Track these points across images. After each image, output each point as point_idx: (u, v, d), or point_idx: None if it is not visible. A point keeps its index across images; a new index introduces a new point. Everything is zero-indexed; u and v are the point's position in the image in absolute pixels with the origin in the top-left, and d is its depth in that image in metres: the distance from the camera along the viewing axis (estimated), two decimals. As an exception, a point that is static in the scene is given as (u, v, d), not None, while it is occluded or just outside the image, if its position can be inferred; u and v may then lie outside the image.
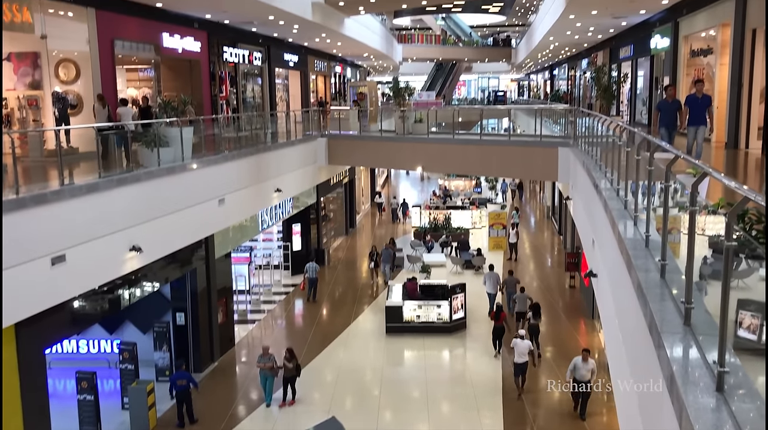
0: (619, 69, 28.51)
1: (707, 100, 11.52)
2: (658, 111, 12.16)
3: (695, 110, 11.38)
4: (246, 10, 18.96)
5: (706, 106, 11.46)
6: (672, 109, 11.81)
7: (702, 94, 11.49)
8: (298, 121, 22.56)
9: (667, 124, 11.79)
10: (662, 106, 12.06)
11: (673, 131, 11.86)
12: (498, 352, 16.97)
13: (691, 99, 11.53)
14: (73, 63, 15.30)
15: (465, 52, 56.38)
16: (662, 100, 12.40)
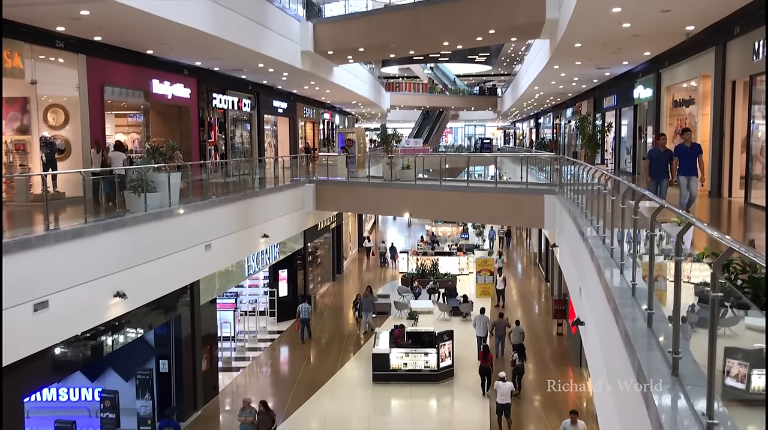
0: (603, 118, 28.99)
1: (697, 149, 11.22)
2: (648, 161, 11.74)
3: (685, 160, 11.05)
4: (236, 58, 19.21)
5: (696, 156, 11.14)
6: (664, 159, 11.39)
7: (691, 143, 11.24)
8: (286, 166, 22.67)
9: (658, 174, 11.39)
10: (654, 156, 11.68)
11: (664, 181, 11.48)
12: (485, 392, 17.23)
13: (680, 149, 11.20)
14: (62, 108, 15.36)
15: (451, 100, 57.22)
16: (653, 148, 12.03)
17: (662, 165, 11.35)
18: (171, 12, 12.91)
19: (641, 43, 16.89)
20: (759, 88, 13.50)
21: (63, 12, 11.85)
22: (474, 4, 19.09)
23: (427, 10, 20.87)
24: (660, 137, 12.18)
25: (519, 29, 19.99)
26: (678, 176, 11.08)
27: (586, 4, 12.28)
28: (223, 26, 15.42)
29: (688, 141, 11.23)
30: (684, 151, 11.12)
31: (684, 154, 11.09)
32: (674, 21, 13.92)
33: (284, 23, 20.12)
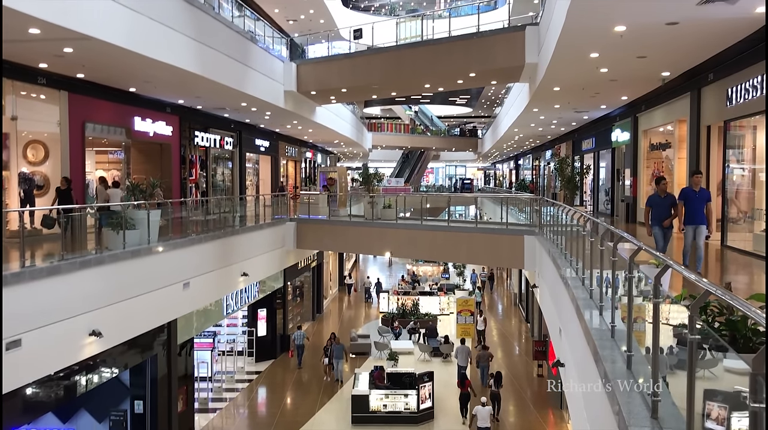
0: (581, 160, 29.39)
1: (705, 196, 10.22)
2: (649, 208, 10.79)
3: (692, 207, 10.06)
4: (219, 97, 19.31)
5: (705, 202, 10.11)
6: (665, 206, 10.48)
7: (699, 187, 10.24)
8: (267, 205, 22.64)
9: (661, 222, 10.48)
10: (654, 202, 10.70)
11: (668, 231, 10.57)
12: (465, 419, 17.95)
13: (687, 193, 10.22)
14: (42, 144, 15.28)
15: (433, 141, 57.78)
16: (654, 194, 11.00)
17: (664, 212, 10.46)
18: (155, 51, 13.00)
19: (618, 87, 17.25)
20: (733, 133, 13.80)
21: (47, 49, 11.88)
22: (455, 48, 19.43)
23: (408, 53, 21.20)
24: (660, 181, 11.02)
25: (499, 73, 20.34)
26: (684, 225, 10.10)
27: (564, 49, 12.55)
28: (207, 65, 15.53)
29: (696, 185, 10.26)
30: (691, 196, 10.13)
31: (691, 200, 10.10)
32: (650, 67, 14.27)
33: (268, 63, 20.32)
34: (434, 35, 22.53)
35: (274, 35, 23.01)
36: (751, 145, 13.28)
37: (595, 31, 11.28)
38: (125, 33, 11.82)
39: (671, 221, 10.42)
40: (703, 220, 10.01)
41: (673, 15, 10.06)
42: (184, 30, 14.32)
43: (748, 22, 10.34)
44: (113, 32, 11.41)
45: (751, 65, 11.76)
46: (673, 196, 10.70)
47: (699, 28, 10.71)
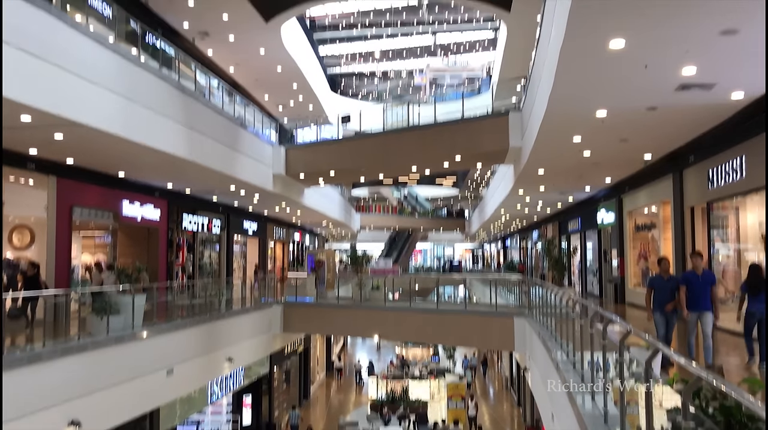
0: (568, 241, 29.57)
1: (709, 278, 9.67)
2: (650, 290, 10.17)
3: (696, 291, 9.47)
4: (208, 181, 19.44)
5: (709, 285, 9.51)
6: (668, 289, 9.87)
7: (702, 269, 9.71)
8: (254, 287, 22.43)
9: (662, 306, 9.86)
10: (656, 284, 10.09)
11: (672, 317, 9.90)
12: None
13: (689, 277, 9.72)
14: (29, 229, 15.23)
15: (420, 222, 58.13)
16: (656, 275, 10.43)
17: (667, 296, 9.83)
18: (146, 137, 13.17)
19: (602, 170, 17.56)
20: (716, 214, 13.99)
21: (37, 136, 12.00)
22: (441, 133, 19.86)
23: (395, 138, 21.65)
24: (661, 262, 10.43)
25: (484, 156, 20.72)
26: (688, 311, 9.52)
27: (547, 133, 12.84)
28: (196, 151, 15.72)
29: (699, 267, 9.70)
30: (694, 279, 9.58)
31: (694, 284, 9.54)
32: (632, 150, 14.58)
33: (257, 148, 20.61)
34: (420, 121, 23.07)
35: (263, 120, 23.46)
36: (735, 226, 13.44)
37: (577, 116, 11.58)
38: (116, 119, 11.99)
39: (673, 305, 9.81)
40: (708, 305, 9.38)
41: (653, 100, 10.36)
42: (175, 116, 14.57)
43: (725, 107, 10.67)
44: (104, 119, 11.58)
45: (730, 148, 12.06)
46: (677, 278, 10.14)
47: (678, 112, 11.03)
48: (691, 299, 9.47)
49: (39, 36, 9.66)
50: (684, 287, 9.59)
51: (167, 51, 16.57)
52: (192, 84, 17.40)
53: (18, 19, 9.14)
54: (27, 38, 9.27)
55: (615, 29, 7.49)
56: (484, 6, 22.94)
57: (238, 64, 26.96)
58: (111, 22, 14.66)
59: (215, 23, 22.24)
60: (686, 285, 9.59)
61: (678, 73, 8.89)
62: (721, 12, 6.93)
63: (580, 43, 8.05)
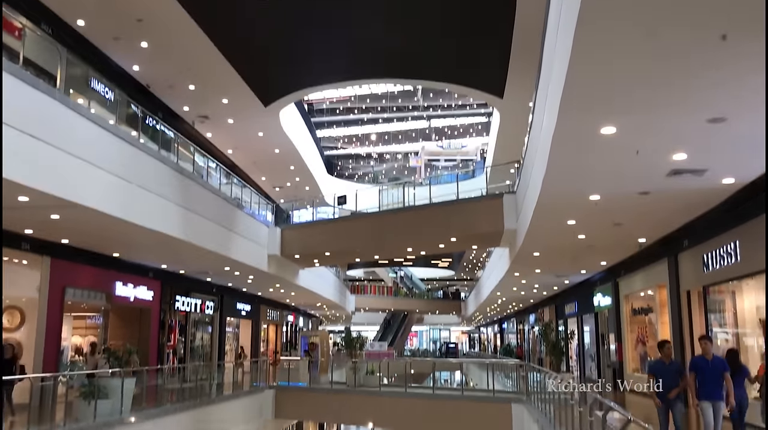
0: (565, 325, 29.27)
1: (721, 364, 8.96)
2: (652, 376, 9.44)
3: (706, 379, 8.81)
4: (203, 261, 19.38)
5: (721, 372, 8.83)
6: (671, 373, 9.27)
7: (712, 355, 9.03)
8: (246, 371, 22.00)
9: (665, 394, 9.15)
10: (658, 369, 9.46)
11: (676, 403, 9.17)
12: None
13: (698, 363, 9.06)
14: (19, 310, 15.02)
15: (416, 303, 57.72)
16: (656, 361, 9.91)
17: (669, 382, 9.17)
18: (142, 218, 13.20)
19: (597, 253, 17.58)
20: (713, 298, 13.92)
21: (34, 216, 12.02)
22: (436, 214, 20.01)
23: (391, 219, 21.75)
24: (663, 345, 9.89)
25: (479, 238, 20.79)
26: (699, 401, 8.80)
27: (541, 216, 12.91)
28: (192, 231, 15.74)
29: (708, 353, 9.02)
30: (703, 366, 8.92)
31: (704, 371, 8.88)
32: (627, 234, 14.65)
33: (253, 228, 20.67)
34: (416, 202, 23.23)
35: (260, 201, 23.64)
36: (732, 310, 13.35)
37: (571, 200, 11.67)
38: (114, 200, 12.05)
39: (678, 392, 9.19)
40: (721, 394, 8.70)
41: (645, 185, 10.48)
42: (173, 197, 14.67)
43: (717, 192, 10.79)
44: (102, 200, 11.63)
45: (724, 232, 12.11)
46: (678, 362, 9.70)
47: (671, 197, 11.13)
48: (702, 387, 8.80)
49: (41, 118, 9.83)
50: (693, 373, 8.97)
51: (167, 133, 16.87)
52: (190, 165, 17.62)
53: (21, 102, 9.31)
54: (29, 120, 9.42)
55: (605, 118, 7.65)
56: (477, 93, 23.56)
57: (236, 147, 27.43)
58: (113, 104, 14.98)
59: (215, 107, 22.77)
60: (695, 372, 8.95)
61: (669, 159, 9.03)
62: (708, 101, 7.10)
63: (572, 130, 8.21)
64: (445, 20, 17.21)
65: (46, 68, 12.21)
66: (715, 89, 6.78)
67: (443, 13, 16.68)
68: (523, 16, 15.82)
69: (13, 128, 8.99)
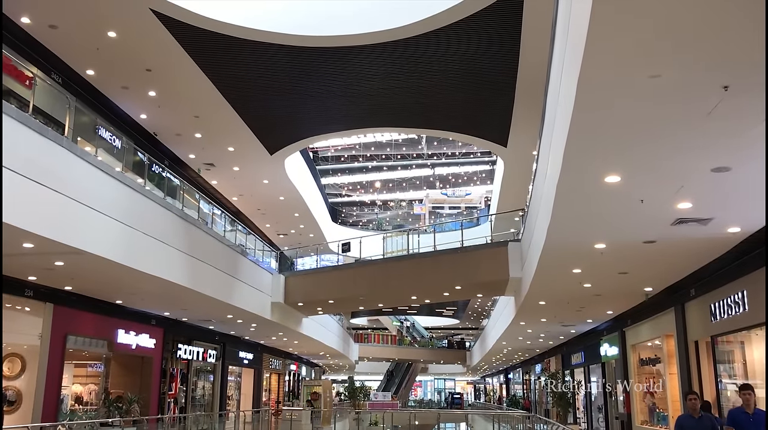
0: (572, 374, 28.85)
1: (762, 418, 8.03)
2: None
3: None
4: (206, 309, 19.29)
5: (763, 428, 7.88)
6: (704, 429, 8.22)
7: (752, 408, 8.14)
8: (248, 421, 21.65)
9: None
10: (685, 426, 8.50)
11: None
12: None
13: (736, 417, 8.19)
14: (20, 358, 14.87)
15: (420, 353, 57.04)
16: (684, 416, 8.91)
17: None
18: (146, 265, 13.19)
19: (603, 302, 17.44)
20: (721, 348, 13.72)
21: (37, 263, 12.03)
22: (440, 262, 19.94)
23: (395, 266, 21.68)
24: (689, 397, 8.85)
25: (484, 286, 20.68)
26: None
27: (546, 265, 12.85)
28: (196, 278, 15.70)
29: (750, 405, 8.14)
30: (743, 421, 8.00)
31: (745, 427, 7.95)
32: (632, 282, 14.55)
33: (257, 276, 20.61)
34: (420, 249, 23.18)
35: (264, 248, 23.64)
36: (741, 360, 13.14)
37: (576, 248, 11.64)
38: (118, 247, 12.07)
39: None
40: None
41: (650, 234, 10.45)
42: (177, 244, 14.68)
43: (722, 241, 10.74)
44: (107, 247, 11.65)
45: (730, 281, 12.02)
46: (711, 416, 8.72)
47: (676, 246, 11.08)
48: None
49: (48, 165, 9.92)
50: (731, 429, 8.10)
51: (173, 180, 16.98)
52: (195, 212, 17.68)
53: (29, 149, 9.42)
54: (36, 167, 9.51)
55: (610, 166, 7.68)
56: (481, 142, 23.74)
57: (241, 194, 27.56)
58: (119, 152, 15.13)
59: (221, 155, 22.97)
60: (733, 427, 8.08)
61: (674, 208, 9.02)
62: (712, 151, 7.13)
63: (576, 179, 8.23)
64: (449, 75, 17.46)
65: (55, 116, 12.40)
66: (718, 139, 6.81)
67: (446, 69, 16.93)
68: (526, 67, 16.04)
69: (19, 175, 9.07)
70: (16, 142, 9.04)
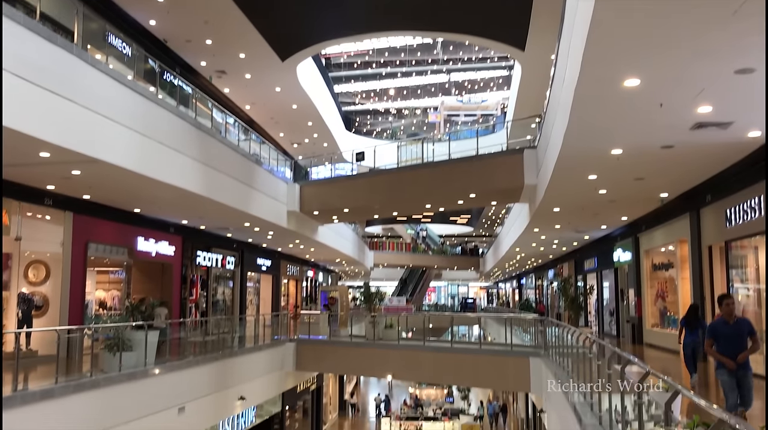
0: (584, 280, 29.27)
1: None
2: (711, 341, 7.98)
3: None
4: (223, 217, 19.53)
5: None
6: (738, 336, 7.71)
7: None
8: (267, 325, 22.31)
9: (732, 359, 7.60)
10: (717, 331, 7.95)
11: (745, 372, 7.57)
12: None
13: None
14: (44, 264, 15.28)
15: (434, 259, 57.88)
16: (717, 321, 8.27)
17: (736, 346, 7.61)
18: (162, 173, 13.26)
19: (618, 208, 17.45)
20: (735, 253, 13.80)
21: (55, 172, 12.14)
22: (455, 170, 19.88)
23: (409, 175, 21.67)
24: (722, 301, 8.24)
25: (498, 194, 20.69)
26: None
27: (562, 171, 12.80)
28: (212, 187, 15.79)
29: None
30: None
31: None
32: (648, 188, 14.50)
33: (272, 185, 20.71)
34: (434, 158, 23.09)
35: (278, 157, 23.65)
36: (754, 265, 13.24)
37: (592, 154, 11.54)
38: (133, 156, 12.10)
39: (746, 355, 7.66)
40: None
41: (668, 139, 10.32)
42: (191, 153, 14.70)
43: (742, 146, 10.60)
44: (121, 155, 11.69)
45: (747, 187, 11.94)
46: (748, 322, 8.10)
47: (694, 151, 10.96)
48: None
49: (60, 74, 9.82)
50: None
51: (184, 89, 16.81)
52: (208, 121, 17.61)
53: (40, 57, 9.31)
54: (48, 76, 9.42)
55: (629, 69, 7.49)
56: (498, 45, 23.16)
57: (254, 103, 27.33)
58: (130, 60, 14.94)
59: (232, 62, 22.63)
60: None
61: (694, 112, 8.86)
62: (736, 52, 6.91)
63: (595, 82, 8.06)
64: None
65: (63, 23, 12.17)
66: (743, 38, 6.58)
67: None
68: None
69: (31, 83, 9.01)
70: (26, 49, 8.93)
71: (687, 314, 11.73)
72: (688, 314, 11.66)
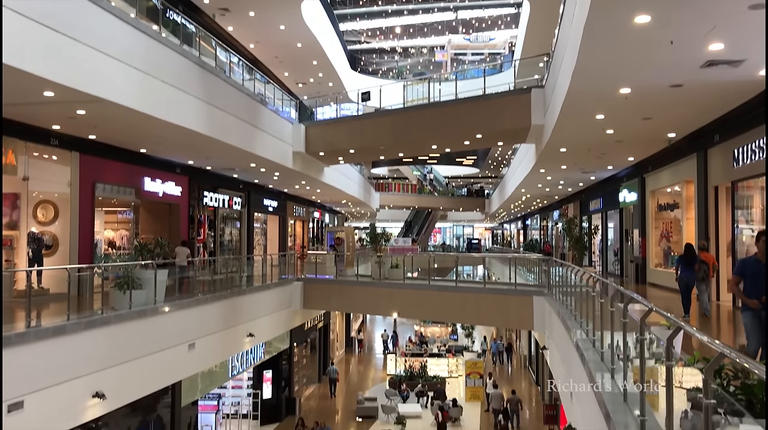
0: (589, 221, 29.34)
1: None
2: (739, 279, 7.46)
3: None
4: (229, 158, 19.52)
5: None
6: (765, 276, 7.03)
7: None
8: (275, 264, 22.58)
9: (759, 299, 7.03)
10: (747, 269, 7.34)
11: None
12: None
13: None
14: (52, 204, 15.40)
15: (440, 201, 57.95)
16: (748, 258, 7.93)
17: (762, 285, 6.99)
18: (166, 113, 13.21)
19: (625, 148, 17.35)
20: (741, 193, 13.79)
21: (60, 111, 12.11)
22: (462, 110, 19.71)
23: (416, 115, 21.51)
24: (759, 238, 7.48)
25: (505, 134, 20.56)
26: None
27: (569, 111, 12.69)
28: (217, 127, 15.75)
29: None
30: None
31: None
32: (656, 128, 14.38)
33: (277, 125, 20.61)
34: (441, 98, 22.86)
35: (283, 97, 23.45)
36: (760, 206, 13.24)
37: (600, 93, 11.42)
38: (137, 95, 12.04)
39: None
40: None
41: (677, 77, 10.18)
42: (195, 92, 14.59)
43: (752, 85, 10.46)
44: (125, 94, 11.62)
45: (756, 127, 11.83)
46: None
47: (703, 90, 10.83)
48: None
49: (62, 12, 9.68)
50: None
51: (187, 27, 16.56)
52: (212, 60, 17.40)
53: (40, -5, 9.17)
54: (50, 14, 9.29)
55: (640, 5, 7.35)
56: (506, -19, 22.61)
57: (258, 42, 26.95)
58: (131, -3, 14.67)
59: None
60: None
61: (705, 50, 8.71)
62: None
63: (605, 19, 7.91)
64: None
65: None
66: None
67: None
68: None
69: (33, 21, 8.90)
70: (25, -15, 8.79)
71: (684, 253, 12.25)
72: (685, 253, 12.18)
